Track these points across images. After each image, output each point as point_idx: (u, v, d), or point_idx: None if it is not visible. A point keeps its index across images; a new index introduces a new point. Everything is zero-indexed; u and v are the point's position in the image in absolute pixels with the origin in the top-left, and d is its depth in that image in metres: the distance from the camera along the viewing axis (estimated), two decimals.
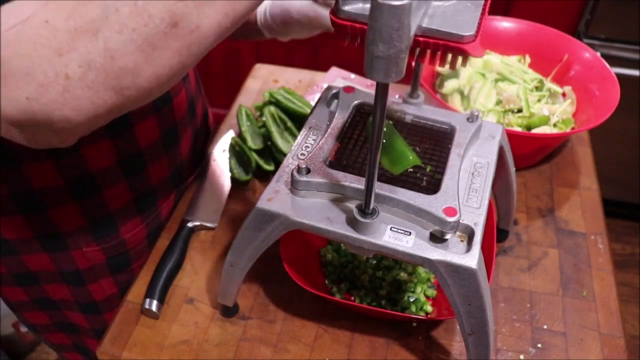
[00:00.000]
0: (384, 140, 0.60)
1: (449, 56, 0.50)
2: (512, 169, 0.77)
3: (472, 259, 0.56)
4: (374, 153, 0.50)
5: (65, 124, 0.49)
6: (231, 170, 0.96)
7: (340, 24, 0.50)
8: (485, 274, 0.59)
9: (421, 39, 0.49)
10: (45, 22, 0.46)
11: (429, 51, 0.49)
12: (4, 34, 0.46)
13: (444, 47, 0.48)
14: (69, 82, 0.46)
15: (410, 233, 0.58)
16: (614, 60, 1.71)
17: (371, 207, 0.56)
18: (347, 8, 0.49)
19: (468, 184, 0.64)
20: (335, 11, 0.50)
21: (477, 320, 0.60)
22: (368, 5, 0.43)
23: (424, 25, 0.48)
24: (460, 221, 0.57)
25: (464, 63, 0.50)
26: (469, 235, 0.58)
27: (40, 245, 0.81)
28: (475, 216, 0.60)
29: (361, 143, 0.67)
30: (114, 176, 0.78)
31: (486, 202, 0.62)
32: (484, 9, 0.50)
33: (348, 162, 0.64)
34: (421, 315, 0.78)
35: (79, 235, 0.81)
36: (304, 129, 0.69)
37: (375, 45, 0.41)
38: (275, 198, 0.61)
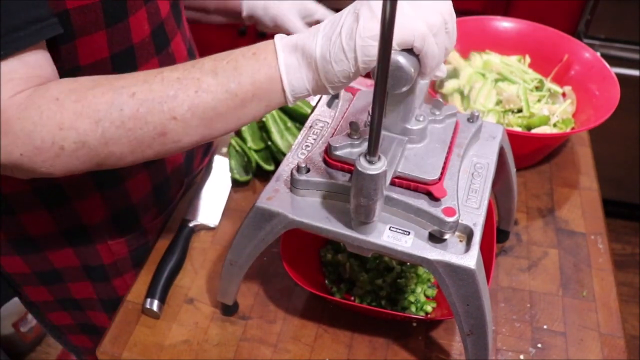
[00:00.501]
0: None
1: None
2: (513, 169, 0.77)
3: (470, 259, 0.56)
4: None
5: (46, 175, 0.56)
6: (231, 170, 0.96)
7: (333, 164, 0.61)
8: (484, 274, 0.59)
9: (397, 180, 0.60)
10: (56, 99, 0.53)
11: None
12: (18, 96, 0.52)
13: (414, 186, 0.59)
14: (62, 152, 0.54)
15: (409, 233, 0.58)
16: (614, 60, 1.71)
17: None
18: (338, 153, 0.60)
19: (468, 185, 0.64)
20: (329, 154, 0.60)
21: (475, 321, 0.60)
22: (356, 150, 0.60)
23: (399, 170, 0.59)
24: (460, 221, 0.58)
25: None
26: (468, 235, 0.59)
27: (66, 240, 0.82)
28: (475, 216, 0.60)
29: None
30: (135, 165, 0.78)
31: (486, 203, 0.62)
32: (449, 149, 0.63)
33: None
34: (421, 315, 0.78)
35: (104, 228, 0.82)
36: (304, 129, 0.69)
37: (358, 198, 0.53)
38: (274, 197, 0.61)
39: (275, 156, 0.96)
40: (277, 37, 0.56)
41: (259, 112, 0.58)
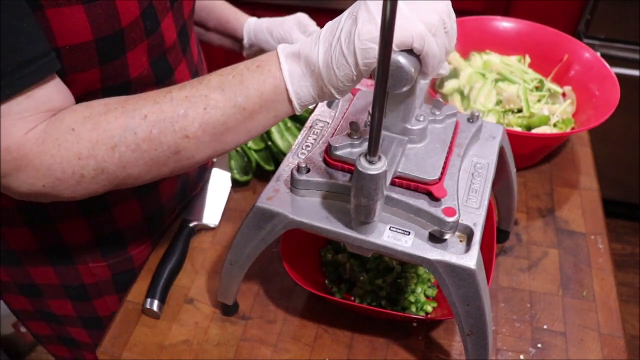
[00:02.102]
0: None
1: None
2: (513, 169, 0.77)
3: (470, 259, 0.56)
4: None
5: (69, 199, 0.58)
6: (231, 170, 0.96)
7: (333, 164, 0.61)
8: (484, 274, 0.59)
9: (397, 180, 0.60)
10: (71, 129, 0.54)
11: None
12: (32, 132, 0.53)
13: (414, 186, 0.60)
14: (83, 179, 0.55)
15: (409, 233, 0.58)
16: (614, 60, 1.71)
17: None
18: (338, 152, 0.60)
19: (468, 185, 0.64)
20: (329, 154, 0.61)
21: (475, 321, 0.60)
22: (356, 150, 0.60)
23: (399, 170, 0.59)
24: (460, 221, 0.58)
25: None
26: (468, 235, 0.58)
27: (47, 258, 0.80)
28: (475, 216, 0.60)
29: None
30: (124, 194, 0.78)
31: (486, 203, 0.62)
32: (450, 149, 0.64)
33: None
34: (421, 315, 0.78)
35: (86, 250, 0.81)
36: (304, 129, 0.69)
37: (359, 198, 0.53)
38: (274, 197, 0.61)
39: (275, 156, 0.96)
40: (280, 47, 0.56)
41: (268, 123, 0.58)
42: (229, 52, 1.01)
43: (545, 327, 0.78)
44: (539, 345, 0.76)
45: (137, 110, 0.55)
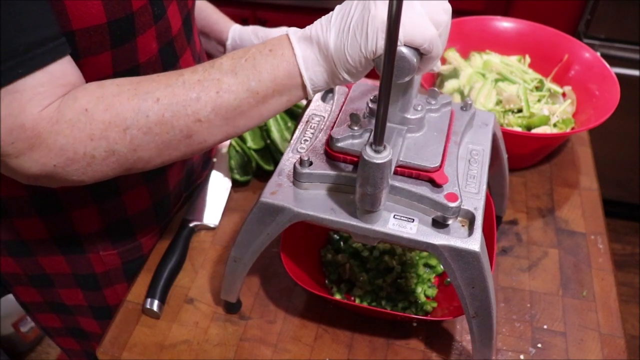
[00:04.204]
0: None
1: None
2: (505, 155, 0.78)
3: (474, 243, 0.57)
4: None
5: (77, 183, 0.58)
6: (231, 170, 0.96)
7: (335, 156, 0.61)
8: (487, 256, 0.60)
9: (399, 169, 0.61)
10: (85, 110, 0.54)
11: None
12: (46, 109, 0.53)
13: (416, 174, 0.60)
14: (94, 160, 0.55)
15: (414, 220, 0.59)
16: (614, 60, 1.71)
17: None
18: (340, 144, 0.61)
19: (466, 171, 0.65)
20: (331, 145, 0.61)
21: (481, 303, 0.61)
22: (357, 141, 0.61)
23: (400, 159, 0.60)
24: (461, 206, 0.58)
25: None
26: (470, 220, 0.60)
27: (58, 247, 0.81)
28: (475, 201, 0.61)
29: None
30: (134, 179, 0.78)
31: (484, 187, 0.63)
32: (447, 137, 0.65)
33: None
34: (421, 315, 0.78)
35: (96, 238, 0.81)
36: (300, 124, 0.70)
37: (365, 187, 0.54)
38: (278, 191, 0.61)
39: (274, 155, 0.96)
40: (290, 31, 0.57)
41: (280, 108, 0.59)
42: None
43: (545, 327, 0.78)
44: (539, 345, 0.76)
45: (150, 93, 0.55)
